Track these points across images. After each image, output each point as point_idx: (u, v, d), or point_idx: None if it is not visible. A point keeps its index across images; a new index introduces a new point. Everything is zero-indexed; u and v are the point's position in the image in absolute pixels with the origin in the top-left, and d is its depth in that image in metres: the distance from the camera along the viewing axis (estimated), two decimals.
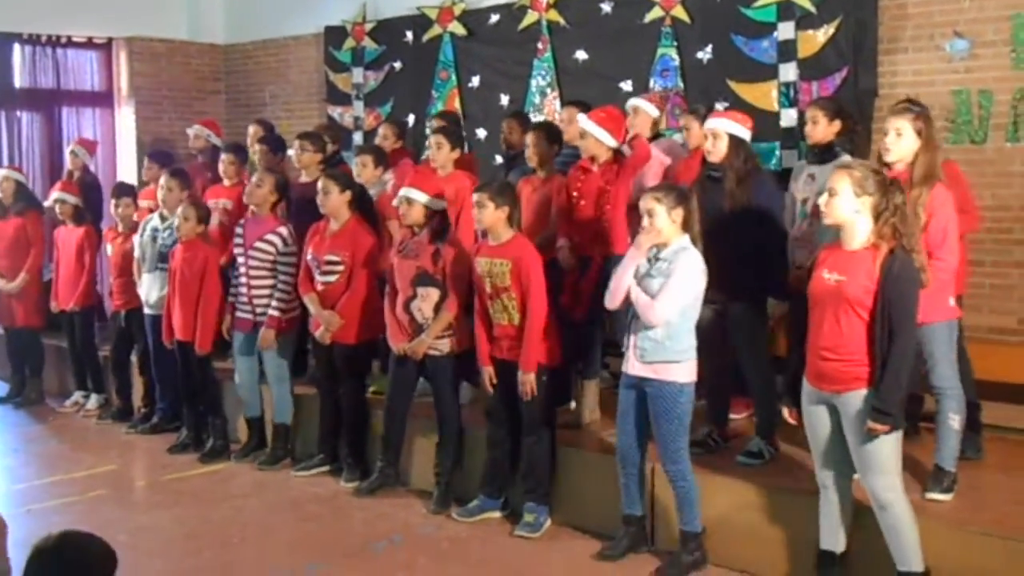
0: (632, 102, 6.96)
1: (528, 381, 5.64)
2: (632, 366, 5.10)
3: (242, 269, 7.03)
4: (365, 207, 6.83)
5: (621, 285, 5.05)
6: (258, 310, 6.99)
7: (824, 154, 5.87)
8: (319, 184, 6.70)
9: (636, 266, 5.04)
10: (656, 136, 6.90)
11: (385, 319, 6.34)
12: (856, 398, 4.29)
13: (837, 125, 5.90)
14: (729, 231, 5.36)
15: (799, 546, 4.94)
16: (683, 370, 5.02)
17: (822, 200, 4.41)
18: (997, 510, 4.85)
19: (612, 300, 5.13)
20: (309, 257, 6.69)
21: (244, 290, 7.03)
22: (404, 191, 6.17)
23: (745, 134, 5.57)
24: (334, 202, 6.56)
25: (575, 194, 6.25)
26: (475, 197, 5.75)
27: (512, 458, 5.98)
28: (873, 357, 4.26)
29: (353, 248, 6.55)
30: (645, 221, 5.02)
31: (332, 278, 6.58)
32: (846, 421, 4.35)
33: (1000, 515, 4.78)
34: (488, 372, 5.88)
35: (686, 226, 5.03)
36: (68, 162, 9.63)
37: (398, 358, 6.29)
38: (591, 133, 6.11)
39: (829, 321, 4.34)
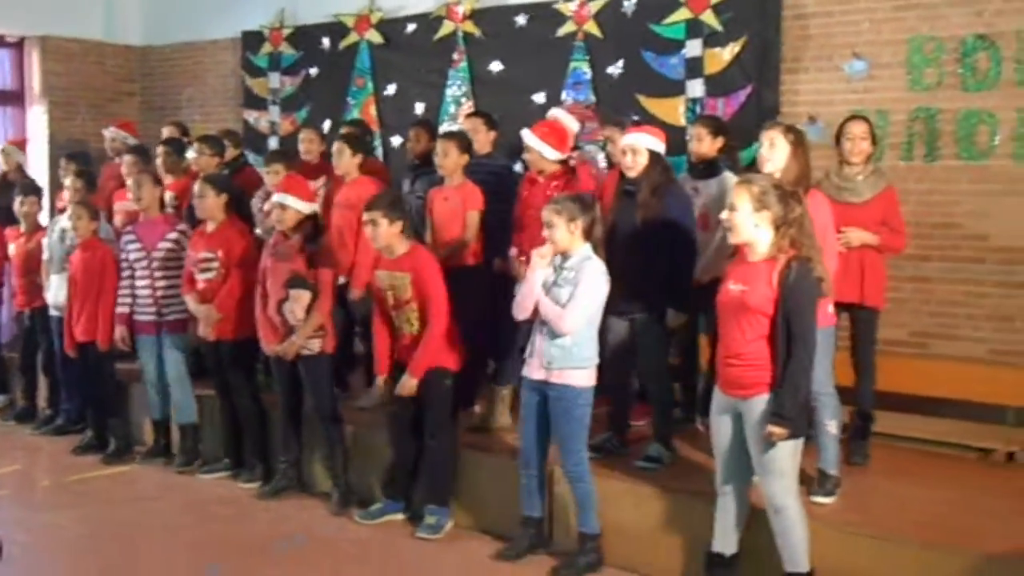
0: (553, 113, 7.08)
1: (410, 386, 5.73)
2: (536, 371, 5.22)
3: (143, 272, 7.03)
4: (243, 211, 6.94)
5: (529, 297, 5.15)
6: (164, 310, 7.01)
7: (707, 169, 6.15)
8: (195, 188, 6.79)
9: (543, 278, 5.15)
10: (574, 148, 7.00)
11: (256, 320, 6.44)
12: (759, 403, 4.42)
13: (720, 141, 6.21)
14: (641, 243, 5.49)
15: (692, 548, 5.08)
16: (584, 375, 5.16)
17: (724, 215, 4.53)
18: (878, 513, 5.06)
19: (520, 311, 5.22)
20: (188, 257, 6.79)
21: (147, 292, 7.03)
22: (277, 197, 6.28)
23: (661, 148, 5.72)
24: (209, 204, 6.68)
25: (522, 204, 6.33)
26: (366, 216, 5.81)
27: (414, 461, 6.06)
28: (774, 363, 4.40)
29: (227, 246, 6.66)
30: (545, 232, 5.14)
31: (210, 275, 6.68)
32: (748, 426, 4.48)
33: (880, 518, 4.98)
34: (381, 380, 5.96)
35: (587, 235, 5.15)
36: (1, 162, 9.49)
37: (277, 359, 6.36)
38: (533, 147, 6.22)
39: (734, 329, 4.48)
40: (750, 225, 4.41)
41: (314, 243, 6.26)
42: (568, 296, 5.06)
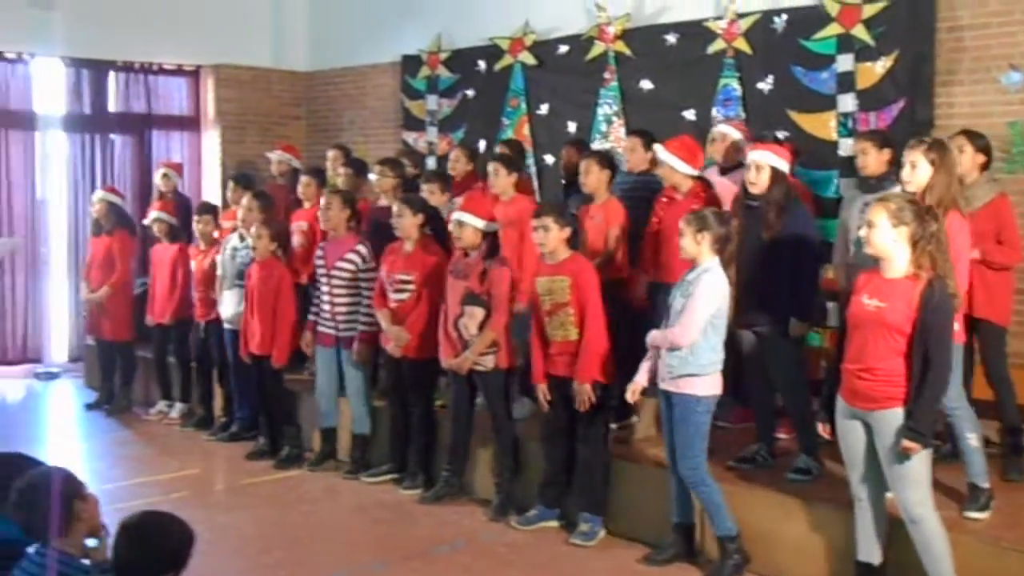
0: (720, 128, 7.24)
1: (584, 392, 5.90)
2: (661, 380, 5.43)
3: (324, 288, 7.41)
4: (438, 230, 7.17)
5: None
6: (341, 326, 7.36)
7: (877, 183, 6.11)
8: (394, 208, 7.08)
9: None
10: (739, 165, 7.09)
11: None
12: (890, 416, 4.49)
13: (887, 154, 6.15)
14: (766, 259, 5.61)
15: (840, 556, 5.14)
16: (702, 383, 5.32)
17: (862, 232, 4.64)
18: None
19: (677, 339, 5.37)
20: (383, 274, 7.06)
21: (327, 308, 7.40)
22: (457, 215, 6.52)
23: (785, 167, 5.81)
24: (407, 224, 6.91)
25: (656, 221, 6.49)
26: (536, 221, 6.03)
27: (568, 470, 6.25)
28: (908, 379, 4.47)
29: (423, 268, 6.90)
30: (679, 239, 5.35)
31: (404, 296, 6.94)
32: (879, 438, 4.57)
33: None
34: (542, 389, 6.16)
35: (717, 249, 5.31)
36: (160, 183, 10.11)
37: (454, 373, 6.62)
38: (665, 162, 6.39)
39: (868, 343, 4.55)
40: (889, 240, 4.49)
41: (491, 260, 6.47)
42: (681, 308, 5.25)
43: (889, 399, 4.50)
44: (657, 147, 6.55)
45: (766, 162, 5.76)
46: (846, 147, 7.63)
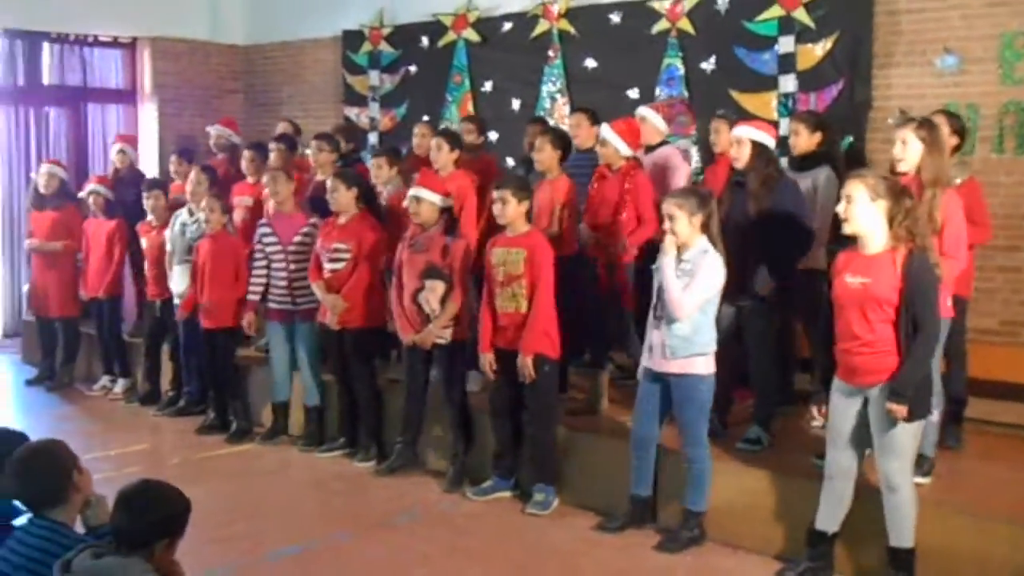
0: (641, 112, 7.34)
1: (527, 365, 6.02)
2: (658, 363, 5.50)
3: (280, 264, 7.44)
4: (372, 204, 7.27)
5: (668, 284, 5.39)
6: (298, 300, 7.41)
7: (805, 163, 6.37)
8: (328, 183, 7.16)
9: (672, 264, 5.40)
10: (662, 143, 7.28)
11: (392, 311, 6.77)
12: (886, 388, 4.65)
13: (818, 136, 6.42)
14: (754, 234, 5.73)
15: (791, 524, 5.35)
16: (706, 362, 5.45)
17: (840, 207, 4.73)
18: (972, 492, 5.30)
19: (677, 309, 5.41)
20: (318, 246, 7.14)
21: (283, 283, 7.43)
22: (413, 191, 6.60)
23: (769, 141, 5.95)
24: (341, 198, 7.02)
25: (591, 198, 6.65)
26: (496, 194, 6.15)
27: (517, 442, 6.38)
28: (900, 350, 4.63)
29: (359, 239, 7.00)
30: (666, 224, 5.42)
31: (339, 265, 7.02)
32: (875, 410, 4.71)
33: (974, 496, 5.22)
34: (488, 358, 6.26)
35: (705, 229, 5.42)
36: (116, 160, 9.97)
37: (409, 346, 6.71)
38: (610, 142, 6.53)
39: (858, 320, 4.68)
40: (867, 215, 4.63)
41: (451, 235, 6.56)
42: (684, 287, 5.34)
43: (886, 371, 4.64)
44: (603, 126, 6.69)
45: (747, 136, 5.89)
46: (787, 127, 7.80)
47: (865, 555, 5.05)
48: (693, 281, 5.34)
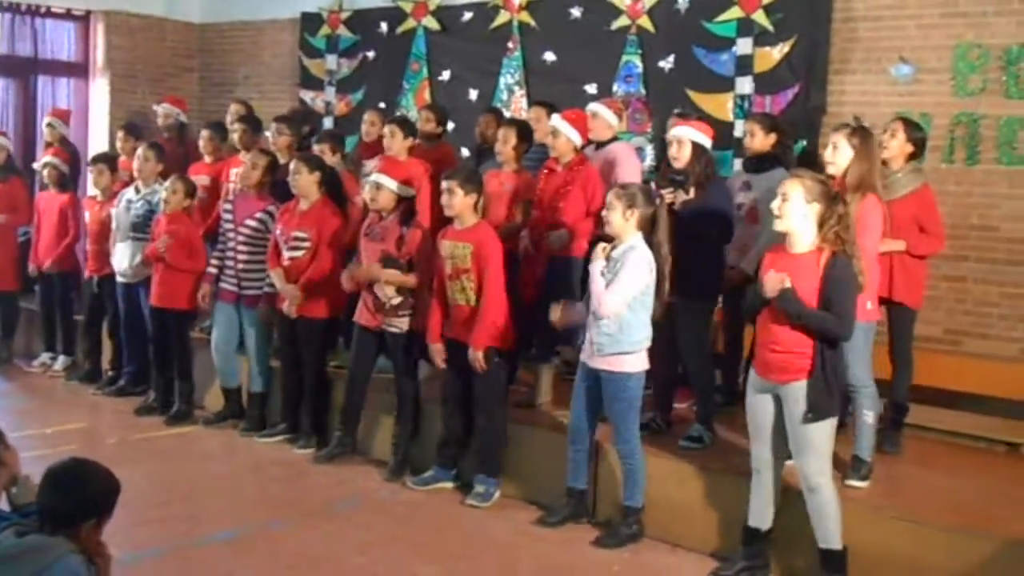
0: (592, 107, 7.32)
1: (477, 359, 5.99)
2: (588, 357, 5.52)
3: (231, 244, 7.35)
4: (334, 189, 7.17)
5: (593, 282, 5.40)
6: (243, 283, 7.32)
7: (760, 163, 6.41)
8: (291, 165, 7.06)
9: (600, 266, 5.41)
10: (613, 139, 7.26)
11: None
12: (798, 388, 4.70)
13: (772, 138, 6.48)
14: (682, 231, 5.72)
15: (729, 523, 5.36)
16: (634, 360, 5.44)
17: (775, 204, 4.78)
18: (909, 498, 5.34)
19: (601, 307, 5.40)
20: (278, 232, 7.03)
21: (231, 264, 7.35)
22: (374, 177, 6.53)
23: (707, 142, 5.97)
24: (304, 182, 6.91)
25: (540, 191, 6.62)
26: (444, 184, 6.09)
27: (465, 433, 6.35)
28: (815, 351, 4.67)
29: (319, 226, 6.90)
30: (604, 213, 5.44)
31: (298, 253, 6.93)
32: (787, 409, 4.77)
33: (911, 502, 5.26)
34: (437, 349, 6.24)
35: (642, 226, 5.41)
36: (46, 134, 9.80)
37: (359, 333, 6.64)
38: (563, 132, 6.50)
39: (777, 318, 4.74)
40: (799, 215, 4.68)
41: (408, 224, 6.50)
42: (609, 282, 5.35)
43: (799, 371, 4.70)
44: (555, 117, 6.67)
45: (687, 137, 5.91)
46: (741, 128, 7.84)
47: (801, 556, 5.06)
48: (616, 278, 5.33)
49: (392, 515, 5.99)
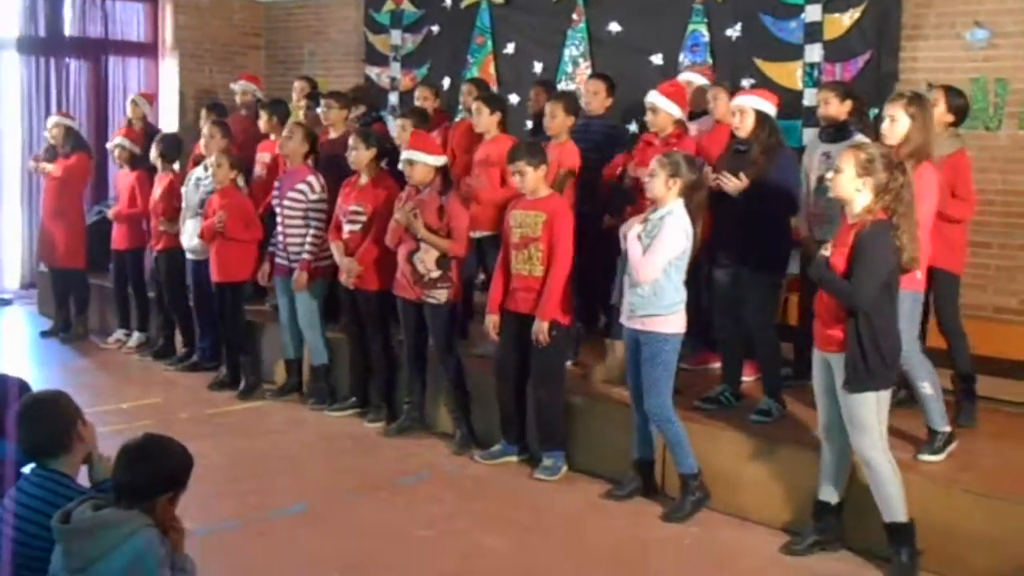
0: (685, 75, 7.27)
1: (542, 330, 5.98)
2: (627, 320, 5.55)
3: (279, 219, 7.43)
4: (395, 164, 7.17)
5: (630, 249, 5.43)
6: (292, 256, 7.39)
7: (837, 133, 6.24)
8: (349, 141, 7.10)
9: (637, 230, 5.44)
10: (704, 112, 7.13)
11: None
12: (839, 358, 4.66)
13: (848, 105, 6.28)
14: (748, 200, 5.69)
15: (800, 497, 5.31)
16: (668, 322, 5.44)
17: (829, 175, 4.77)
18: (982, 472, 5.23)
19: (638, 272, 5.45)
20: (338, 207, 7.11)
21: (281, 238, 7.44)
22: (405, 154, 6.57)
23: (771, 110, 5.88)
24: (360, 158, 6.96)
25: (637, 165, 6.48)
26: (511, 167, 6.10)
27: (519, 407, 6.35)
28: (849, 321, 4.60)
29: (375, 200, 6.93)
30: (645, 178, 5.45)
31: (356, 227, 6.99)
32: (836, 381, 4.72)
33: (984, 476, 5.15)
34: (493, 320, 6.24)
35: (684, 193, 5.41)
36: (128, 111, 9.96)
37: (402, 305, 6.69)
38: (661, 107, 6.42)
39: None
40: (851, 188, 4.63)
41: (445, 195, 6.52)
42: (646, 248, 5.35)
43: (838, 342, 4.66)
44: (652, 93, 6.55)
45: (749, 105, 5.83)
46: (811, 97, 7.71)
47: (872, 530, 4.99)
48: (653, 243, 5.34)
49: (460, 488, 6.03)
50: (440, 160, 6.57)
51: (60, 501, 3.20)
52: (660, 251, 5.35)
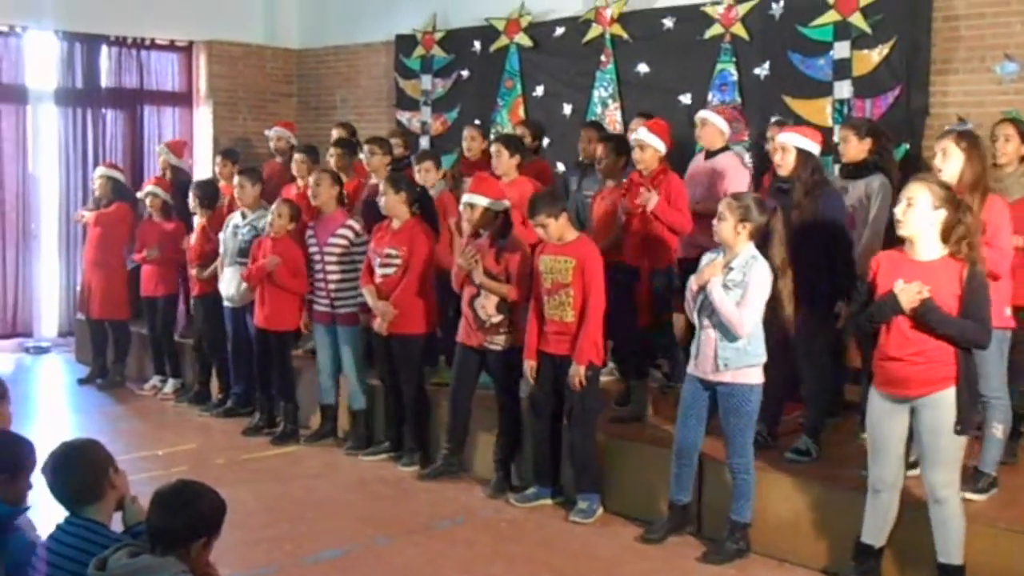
0: (702, 114, 7.28)
1: (578, 373, 5.96)
2: (708, 371, 5.38)
3: (318, 266, 7.46)
4: (425, 208, 7.24)
5: (721, 304, 5.26)
6: (336, 303, 7.42)
7: (856, 170, 6.23)
8: (380, 186, 7.16)
9: (720, 282, 5.30)
10: (724, 148, 7.20)
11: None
12: (942, 398, 4.55)
13: (868, 143, 6.27)
14: (796, 241, 5.57)
15: (839, 537, 5.24)
16: (756, 373, 5.37)
17: (899, 209, 4.63)
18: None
19: (689, 312, 5.45)
20: (370, 251, 7.12)
21: (322, 285, 7.45)
22: (466, 197, 6.55)
23: (814, 148, 5.82)
24: (391, 202, 6.98)
25: (627, 206, 6.60)
26: (533, 223, 6.10)
27: (553, 449, 6.32)
28: (959, 360, 4.55)
29: (411, 244, 6.94)
30: (715, 222, 5.36)
31: (390, 271, 6.99)
32: (924, 422, 4.61)
33: None
34: (531, 365, 6.23)
35: (754, 237, 5.32)
36: (159, 161, 10.11)
37: (461, 352, 6.67)
38: (649, 144, 6.47)
39: (913, 328, 4.57)
40: (925, 223, 4.54)
41: (504, 239, 6.50)
42: (737, 299, 5.24)
43: (941, 381, 4.56)
44: (640, 130, 6.63)
45: (792, 144, 5.78)
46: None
47: (914, 571, 4.93)
48: (747, 295, 5.23)
49: (496, 532, 6.00)
50: (502, 204, 6.53)
51: (95, 549, 3.21)
52: (755, 303, 5.25)
